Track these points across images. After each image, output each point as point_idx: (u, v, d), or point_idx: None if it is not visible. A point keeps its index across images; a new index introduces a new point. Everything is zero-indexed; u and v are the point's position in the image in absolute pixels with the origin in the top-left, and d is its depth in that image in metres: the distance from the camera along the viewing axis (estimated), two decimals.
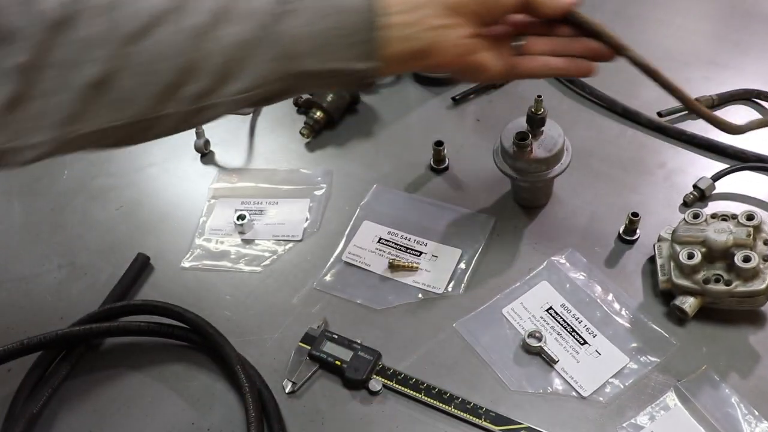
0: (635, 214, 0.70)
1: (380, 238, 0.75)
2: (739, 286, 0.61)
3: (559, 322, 0.66)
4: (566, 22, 0.59)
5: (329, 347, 0.65)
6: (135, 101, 0.48)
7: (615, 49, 0.58)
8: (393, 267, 0.72)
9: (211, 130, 0.88)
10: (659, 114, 0.84)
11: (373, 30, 0.50)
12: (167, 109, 0.49)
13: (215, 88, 0.49)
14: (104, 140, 0.49)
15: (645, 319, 0.66)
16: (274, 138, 0.89)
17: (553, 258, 0.72)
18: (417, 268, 0.72)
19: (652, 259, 0.70)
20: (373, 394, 0.63)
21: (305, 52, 0.50)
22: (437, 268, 0.72)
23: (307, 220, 0.78)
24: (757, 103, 0.86)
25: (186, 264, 0.75)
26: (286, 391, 0.63)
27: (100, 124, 0.48)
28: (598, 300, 0.68)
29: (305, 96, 0.88)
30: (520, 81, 0.91)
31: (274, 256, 0.75)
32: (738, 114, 0.85)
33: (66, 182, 0.86)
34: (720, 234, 0.63)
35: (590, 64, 0.60)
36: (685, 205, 0.75)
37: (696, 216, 0.66)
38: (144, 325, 0.67)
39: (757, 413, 0.59)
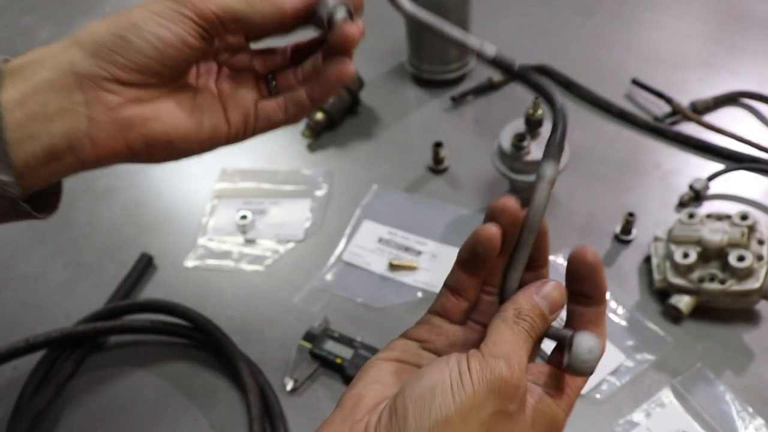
0: (631, 214, 0.71)
1: (380, 238, 0.76)
2: (733, 285, 0.62)
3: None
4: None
5: (330, 345, 0.66)
6: None
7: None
8: (393, 266, 0.73)
9: None
10: (656, 119, 0.85)
11: None
12: None
13: None
14: None
15: (641, 317, 0.67)
16: (275, 139, 0.90)
17: (550, 257, 0.72)
18: (417, 267, 0.73)
19: (648, 259, 0.71)
20: None
21: None
22: (437, 267, 0.73)
23: (308, 220, 0.79)
24: (750, 105, 0.87)
25: (189, 263, 0.76)
26: (288, 388, 0.64)
27: None
28: None
29: None
30: (519, 84, 0.93)
31: (276, 256, 0.76)
32: (732, 115, 0.86)
33: (71, 183, 0.85)
34: (715, 234, 0.64)
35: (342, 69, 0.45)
36: (681, 205, 0.76)
37: (691, 216, 0.67)
38: (148, 323, 0.67)
39: (751, 410, 0.60)
